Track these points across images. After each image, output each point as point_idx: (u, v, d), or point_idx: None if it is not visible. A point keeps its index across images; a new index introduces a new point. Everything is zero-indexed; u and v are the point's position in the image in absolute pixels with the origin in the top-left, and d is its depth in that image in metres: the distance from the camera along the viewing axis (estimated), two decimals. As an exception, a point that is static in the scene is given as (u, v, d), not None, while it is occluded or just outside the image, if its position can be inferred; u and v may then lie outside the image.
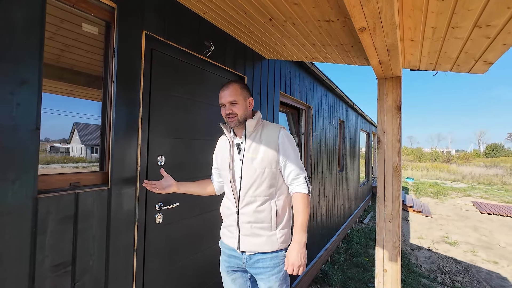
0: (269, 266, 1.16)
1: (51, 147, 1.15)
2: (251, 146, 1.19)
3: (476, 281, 3.93)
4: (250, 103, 1.24)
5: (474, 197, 11.13)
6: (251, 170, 1.16)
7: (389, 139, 1.56)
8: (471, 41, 1.08)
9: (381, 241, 1.58)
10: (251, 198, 1.16)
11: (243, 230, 1.18)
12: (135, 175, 1.26)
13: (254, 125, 1.20)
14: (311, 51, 1.82)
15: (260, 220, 1.16)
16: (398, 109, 1.54)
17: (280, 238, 1.17)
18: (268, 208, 1.16)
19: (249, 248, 1.18)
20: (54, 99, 1.12)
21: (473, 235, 6.05)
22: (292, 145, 1.20)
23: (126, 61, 1.22)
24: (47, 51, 1.04)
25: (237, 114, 1.18)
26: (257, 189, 1.15)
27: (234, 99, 1.18)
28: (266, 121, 1.28)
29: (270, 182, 1.16)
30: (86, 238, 1.07)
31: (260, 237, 1.16)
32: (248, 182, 1.16)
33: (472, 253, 4.98)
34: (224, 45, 1.85)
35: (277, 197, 1.19)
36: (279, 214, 1.18)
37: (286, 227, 1.21)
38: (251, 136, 1.21)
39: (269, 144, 1.17)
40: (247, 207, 1.17)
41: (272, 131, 1.21)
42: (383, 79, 1.59)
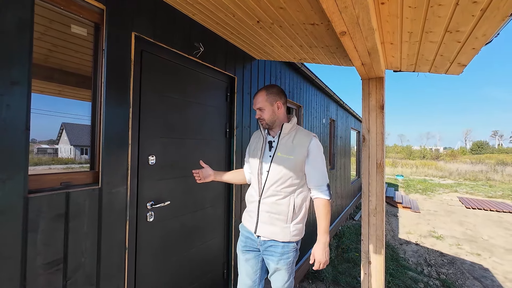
0: (280, 252, 1.28)
1: (39, 148, 1.16)
2: (283, 146, 1.31)
3: (460, 273, 4.11)
4: (278, 106, 1.34)
5: (460, 193, 11.53)
6: (278, 167, 1.28)
7: (373, 137, 1.64)
8: (444, 44, 1.15)
9: (366, 235, 1.66)
10: (274, 191, 1.29)
11: (261, 217, 1.31)
12: (126, 174, 1.28)
13: (289, 128, 1.33)
14: (299, 52, 1.87)
15: (278, 212, 1.28)
16: (381, 108, 1.62)
17: (293, 231, 1.29)
18: (287, 203, 1.28)
19: (264, 234, 1.31)
20: (43, 100, 1.13)
21: (458, 229, 6.28)
22: (320, 154, 1.30)
23: (115, 62, 1.24)
24: (36, 51, 1.06)
25: (264, 119, 1.33)
26: (281, 185, 1.28)
27: (261, 105, 1.33)
28: (300, 127, 1.40)
29: (293, 181, 1.28)
30: (78, 236, 1.09)
31: (275, 226, 1.28)
32: (274, 177, 1.29)
33: (457, 246, 5.18)
34: (214, 46, 1.89)
35: (296, 195, 1.30)
36: (296, 210, 1.29)
37: (300, 223, 1.31)
38: (284, 138, 1.33)
39: (300, 148, 1.28)
40: (269, 199, 1.30)
41: (305, 137, 1.31)
42: (367, 79, 1.66)
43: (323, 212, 1.25)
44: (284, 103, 1.37)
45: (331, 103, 5.27)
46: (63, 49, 1.17)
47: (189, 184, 1.70)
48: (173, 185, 1.59)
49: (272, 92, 1.34)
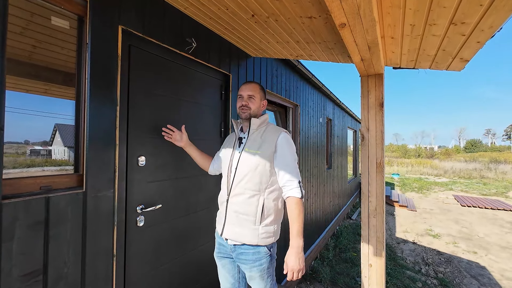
0: (251, 259, 1.21)
1: (32, 150, 1.08)
2: (252, 142, 1.27)
3: (457, 271, 4.10)
4: (263, 104, 1.36)
5: (455, 191, 11.64)
6: (245, 163, 1.24)
7: (373, 135, 1.58)
8: (448, 38, 1.10)
9: (366, 237, 1.61)
10: (242, 189, 1.22)
11: (229, 218, 1.26)
12: (113, 177, 1.20)
13: (258, 123, 1.30)
14: (296, 49, 1.81)
15: (246, 212, 1.21)
16: (380, 106, 1.57)
17: (261, 234, 1.20)
18: (256, 202, 1.20)
19: (231, 236, 1.24)
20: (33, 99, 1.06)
21: (454, 227, 6.31)
22: (290, 149, 1.23)
23: (100, 57, 1.16)
24: (14, 46, 0.97)
25: (250, 108, 1.30)
26: (248, 182, 1.21)
27: (253, 94, 1.30)
28: (272, 124, 1.36)
29: (261, 178, 1.21)
30: (60, 244, 1.01)
31: (242, 227, 1.21)
32: (241, 174, 1.23)
33: (453, 245, 5.19)
34: (208, 42, 1.81)
35: (266, 194, 1.22)
36: (265, 211, 1.21)
37: (271, 225, 1.23)
38: (254, 134, 1.29)
39: (268, 143, 1.23)
40: (237, 197, 1.24)
41: (273, 132, 1.27)
42: (366, 76, 1.61)
43: (294, 212, 1.15)
44: (265, 106, 1.39)
45: (327, 102, 5.23)
46: (45, 44, 1.09)
47: (182, 187, 1.63)
48: (165, 187, 1.52)
49: (263, 90, 1.36)
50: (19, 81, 1.05)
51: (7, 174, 0.94)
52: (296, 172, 1.21)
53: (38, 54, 1.08)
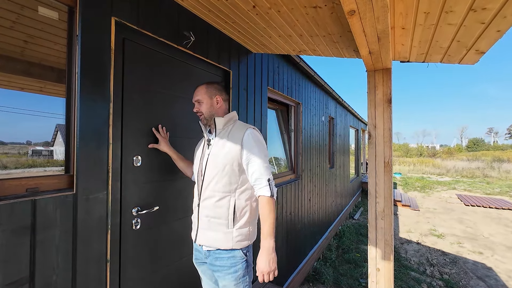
0: (226, 265, 1.14)
1: (33, 150, 1.04)
2: (218, 142, 1.21)
3: (463, 272, 4.02)
4: (218, 100, 1.26)
5: (458, 190, 11.52)
6: (213, 165, 1.19)
7: (380, 133, 1.51)
8: (465, 27, 1.03)
9: (373, 239, 1.53)
10: (211, 192, 1.17)
11: (201, 223, 1.20)
12: (106, 178, 1.13)
13: (223, 123, 1.23)
14: (298, 43, 1.73)
15: (217, 215, 1.16)
16: (388, 102, 1.49)
17: (236, 237, 1.14)
18: (226, 204, 1.15)
19: (205, 242, 1.18)
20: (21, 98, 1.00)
21: (458, 227, 6.22)
22: (258, 145, 1.17)
23: (92, 50, 1.09)
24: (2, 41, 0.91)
25: (202, 112, 1.25)
26: (216, 184, 1.16)
27: (199, 98, 1.25)
28: (240, 121, 1.29)
29: (230, 179, 1.16)
30: (48, 250, 0.94)
31: (215, 232, 1.16)
32: (209, 176, 1.18)
33: (458, 245, 5.10)
34: (206, 37, 1.74)
35: (237, 195, 1.17)
36: (237, 212, 1.16)
37: (245, 226, 1.17)
38: (221, 134, 1.23)
39: (234, 141, 1.17)
40: (207, 201, 1.18)
41: (239, 130, 1.20)
42: (373, 71, 1.53)
43: (263, 211, 1.09)
44: (225, 100, 1.30)
45: (329, 100, 5.15)
46: (34, 39, 1.02)
47: (179, 188, 1.56)
48: (162, 188, 1.45)
49: (212, 86, 1.27)
50: (12, 79, 0.99)
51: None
52: (265, 169, 1.14)
53: (28, 49, 1.01)
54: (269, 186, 1.11)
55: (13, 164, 0.98)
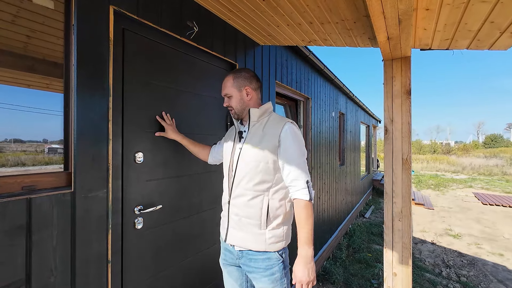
0: (261, 267, 1.08)
1: (50, 148, 1.04)
2: (252, 136, 1.12)
3: (482, 275, 3.82)
4: (247, 92, 1.16)
5: (475, 188, 11.06)
6: (246, 161, 1.10)
7: (398, 128, 1.39)
8: (502, 4, 0.89)
9: (390, 242, 1.42)
10: (242, 190, 1.10)
11: (231, 222, 1.14)
12: (106, 175, 1.08)
13: (258, 115, 1.14)
14: (308, 32, 1.62)
15: (249, 215, 1.08)
16: (407, 94, 1.37)
17: (269, 239, 1.07)
18: (259, 204, 1.07)
19: (235, 241, 1.12)
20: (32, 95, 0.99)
21: (476, 227, 5.94)
22: (296, 143, 1.07)
23: (89, 41, 1.03)
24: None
25: (232, 107, 1.17)
26: (249, 182, 1.08)
27: (227, 92, 1.17)
28: (275, 113, 1.19)
29: (264, 177, 1.07)
30: (45, 251, 0.90)
31: (246, 233, 1.09)
32: (242, 173, 1.10)
33: (476, 246, 4.87)
34: (211, 28, 1.66)
35: (271, 194, 1.08)
36: (271, 213, 1.07)
37: (279, 228, 1.09)
38: (255, 126, 1.14)
39: (270, 137, 1.08)
40: (238, 199, 1.11)
41: (276, 124, 1.10)
42: (390, 60, 1.41)
43: (301, 217, 1.01)
44: (256, 88, 1.18)
45: (340, 95, 4.98)
46: (35, 33, 0.97)
47: (184, 185, 1.50)
48: (166, 186, 1.39)
49: (240, 76, 1.16)
50: (18, 75, 0.97)
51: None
52: (303, 170, 1.05)
53: (31, 44, 0.97)
54: (308, 189, 1.02)
55: (30, 162, 0.99)
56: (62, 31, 1.03)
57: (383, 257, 1.47)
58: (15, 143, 0.95)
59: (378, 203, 8.15)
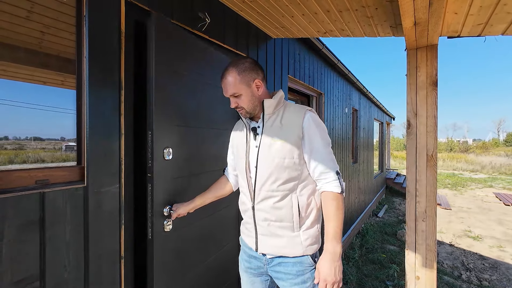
0: (291, 273, 0.97)
1: (67, 146, 1.06)
2: (270, 130, 0.99)
3: (506, 279, 3.62)
4: (257, 85, 1.00)
5: (496, 188, 10.53)
6: (268, 159, 0.97)
7: (422, 122, 1.29)
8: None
9: (412, 244, 1.34)
10: (268, 192, 0.97)
11: (260, 229, 1.01)
12: (118, 170, 1.06)
13: (274, 105, 1.00)
14: (324, 22, 1.54)
15: (279, 218, 0.97)
16: (433, 85, 1.27)
17: (305, 240, 0.97)
18: (289, 204, 0.96)
19: (269, 250, 1.00)
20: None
21: (498, 228, 5.65)
22: (320, 132, 0.97)
23: (100, 33, 1.01)
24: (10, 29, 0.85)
25: (244, 107, 1.00)
26: (275, 182, 0.96)
27: (233, 91, 0.98)
28: (290, 102, 1.07)
29: (290, 174, 0.96)
30: (58, 246, 0.88)
31: (280, 238, 0.98)
32: (265, 173, 0.98)
33: (498, 249, 4.63)
34: (223, 20, 1.61)
35: (299, 191, 0.98)
36: (302, 212, 0.97)
37: (313, 226, 0.99)
38: (271, 119, 1.01)
39: (291, 128, 0.96)
40: (264, 203, 0.99)
41: (295, 113, 0.98)
42: (414, 49, 1.31)
43: (330, 209, 0.90)
44: (263, 78, 1.03)
45: (353, 91, 4.83)
46: (49, 29, 0.96)
47: (204, 182, 1.42)
48: (192, 183, 1.33)
49: (245, 69, 0.97)
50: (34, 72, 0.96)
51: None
52: (331, 160, 0.95)
53: (46, 40, 0.96)
54: (338, 181, 0.92)
55: (49, 159, 1.00)
56: (74, 26, 1.01)
57: (405, 259, 1.38)
58: (35, 141, 0.97)
59: (392, 202, 7.91)
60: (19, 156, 0.91)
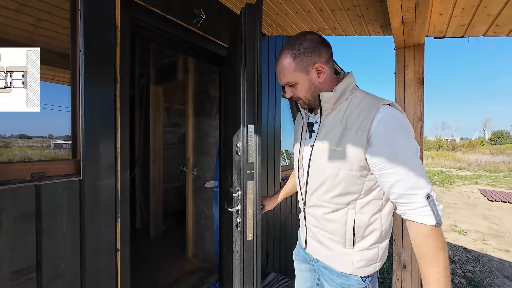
0: (336, 281, 0.84)
1: (55, 143, 1.03)
2: (327, 131, 0.80)
3: (488, 270, 3.79)
4: (319, 70, 0.78)
5: (481, 185, 10.93)
6: (320, 166, 0.81)
7: (410, 118, 1.35)
8: (526, -16, 0.85)
9: (399, 234, 1.40)
10: (318, 201, 0.84)
11: (310, 233, 0.92)
12: (114, 163, 1.07)
13: (335, 99, 0.78)
14: (317, 20, 1.58)
15: (329, 231, 0.83)
16: (420, 83, 1.33)
17: (358, 262, 0.79)
18: (343, 219, 0.79)
19: (315, 254, 0.91)
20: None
21: (482, 223, 5.89)
22: (400, 137, 0.69)
23: (95, 27, 1.01)
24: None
25: (301, 98, 0.83)
26: (326, 194, 0.80)
27: (289, 80, 0.81)
28: (361, 91, 0.79)
29: (346, 189, 0.77)
30: (55, 238, 0.90)
31: (328, 249, 0.85)
32: (316, 181, 0.83)
33: (482, 242, 4.83)
34: (218, 17, 1.63)
35: (359, 208, 0.78)
36: (359, 231, 0.79)
37: (371, 249, 0.80)
38: (331, 115, 0.80)
39: (355, 132, 0.73)
40: (314, 210, 0.86)
41: (364, 110, 0.73)
42: (403, 48, 1.37)
43: (425, 250, 0.65)
44: (328, 60, 0.79)
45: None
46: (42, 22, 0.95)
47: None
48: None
49: (303, 51, 0.77)
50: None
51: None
52: (418, 177, 0.67)
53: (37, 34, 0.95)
54: (430, 207, 0.65)
55: (37, 157, 0.97)
56: (68, 20, 1.01)
57: (393, 248, 1.45)
58: (21, 138, 0.95)
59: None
60: (4, 155, 0.88)
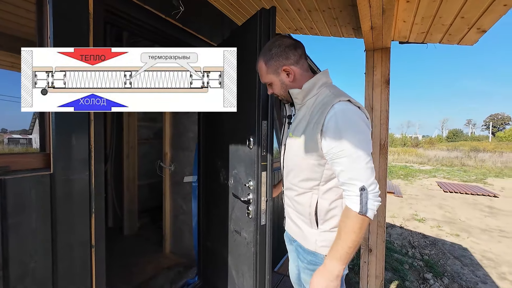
0: (306, 258, 0.94)
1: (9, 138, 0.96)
2: (298, 123, 0.91)
3: (442, 253, 4.27)
4: (287, 71, 0.88)
5: (438, 178, 12.11)
6: (289, 153, 0.95)
7: (377, 115, 1.48)
8: (472, 0, 0.98)
9: (367, 221, 1.54)
10: (290, 184, 0.97)
11: (286, 213, 1.06)
12: (88, 157, 1.03)
13: (302, 96, 0.88)
14: (295, 20, 1.64)
15: (299, 211, 0.95)
16: (386, 83, 1.45)
17: (321, 241, 0.88)
18: (307, 202, 0.90)
19: (291, 233, 1.03)
20: None
21: (438, 212, 6.56)
22: (349, 130, 0.75)
23: (66, 14, 0.95)
24: None
25: (277, 95, 0.97)
26: (294, 178, 0.93)
27: (265, 80, 0.95)
28: (329, 88, 0.86)
29: (309, 175, 0.87)
30: (23, 235, 0.85)
31: (298, 228, 0.97)
32: (288, 166, 0.97)
33: (437, 228, 5.40)
34: (197, 10, 1.61)
35: (321, 194, 0.86)
36: (321, 214, 0.87)
37: (333, 232, 0.87)
38: (302, 110, 0.91)
39: (314, 125, 0.81)
40: (288, 192, 1.00)
41: (323, 106, 0.81)
42: (372, 51, 1.48)
43: (342, 226, 0.76)
44: (297, 61, 0.88)
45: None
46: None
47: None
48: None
49: (271, 56, 0.88)
50: None
51: None
52: (360, 169, 0.74)
53: None
54: (360, 198, 0.72)
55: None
56: (34, 3, 0.94)
57: (360, 235, 1.59)
58: None
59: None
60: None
